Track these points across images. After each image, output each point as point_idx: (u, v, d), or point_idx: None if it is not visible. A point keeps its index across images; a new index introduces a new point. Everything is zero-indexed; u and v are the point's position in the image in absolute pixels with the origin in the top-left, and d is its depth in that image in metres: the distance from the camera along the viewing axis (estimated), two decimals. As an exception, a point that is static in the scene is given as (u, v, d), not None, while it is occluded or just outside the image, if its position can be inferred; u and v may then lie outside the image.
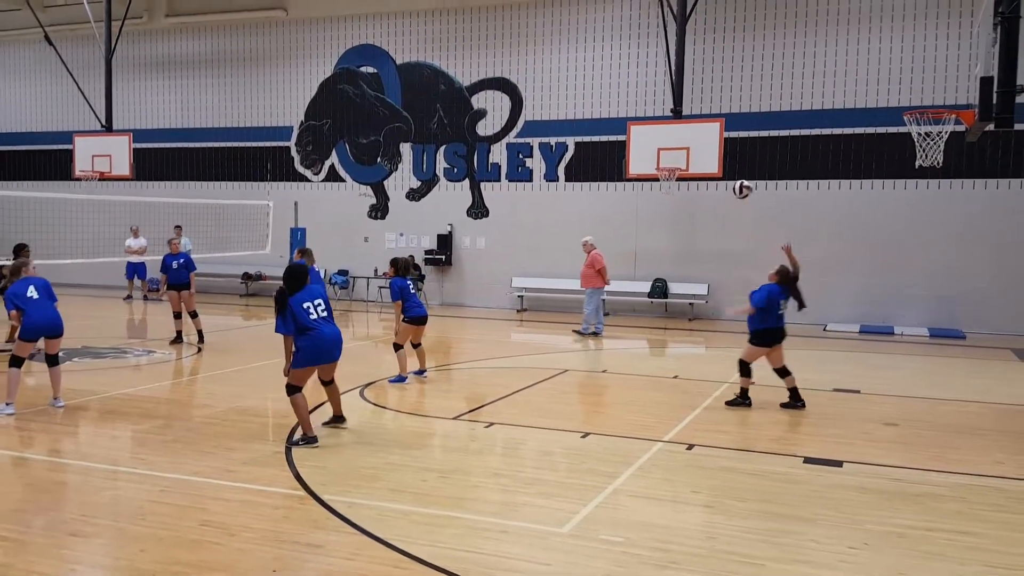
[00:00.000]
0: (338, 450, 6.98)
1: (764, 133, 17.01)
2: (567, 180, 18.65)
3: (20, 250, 10.99)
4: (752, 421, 8.38)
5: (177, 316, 12.67)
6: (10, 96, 23.97)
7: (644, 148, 15.46)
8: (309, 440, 7.03)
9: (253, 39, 21.28)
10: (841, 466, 6.71)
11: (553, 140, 18.72)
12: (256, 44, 21.27)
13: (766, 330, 8.67)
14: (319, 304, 7.14)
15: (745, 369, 8.88)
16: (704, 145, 15.11)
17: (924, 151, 12.07)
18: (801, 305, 8.85)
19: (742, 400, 8.85)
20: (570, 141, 18.59)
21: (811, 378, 9.21)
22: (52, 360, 8.35)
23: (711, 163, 15.09)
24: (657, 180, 15.75)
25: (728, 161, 15.70)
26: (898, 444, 7.54)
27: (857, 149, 16.46)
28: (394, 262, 9.96)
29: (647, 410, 8.84)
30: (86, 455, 6.98)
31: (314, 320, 7.05)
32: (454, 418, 8.24)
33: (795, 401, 8.76)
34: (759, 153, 17.02)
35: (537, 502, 5.72)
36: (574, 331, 14.86)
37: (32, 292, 8.09)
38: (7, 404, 8.01)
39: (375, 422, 8.17)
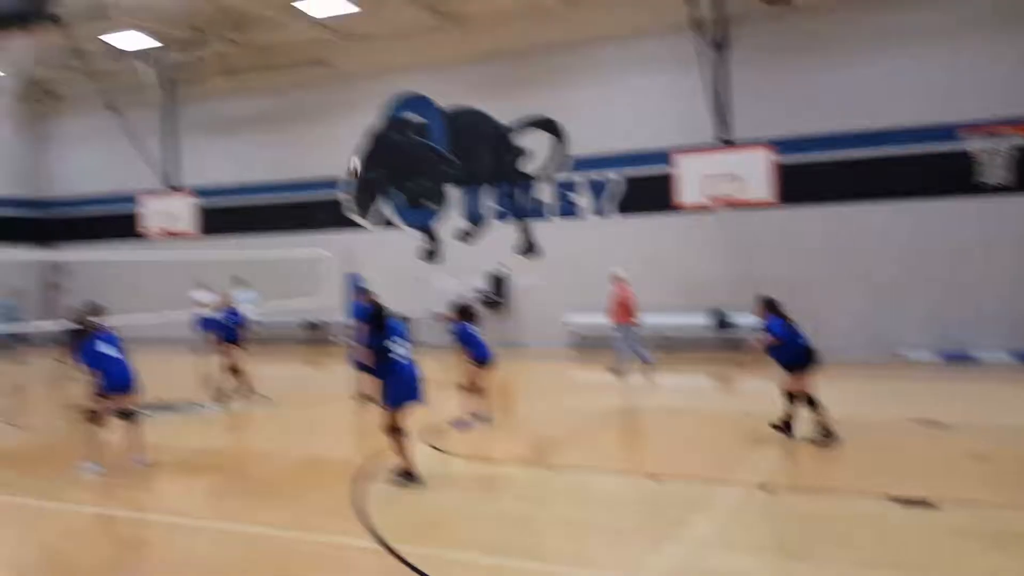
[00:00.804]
0: (408, 498, 6.95)
1: (818, 156, 16.66)
2: (616, 213, 18.58)
3: (91, 309, 11.25)
4: (827, 457, 8.08)
5: (236, 371, 12.88)
6: (77, 162, 25.09)
7: (691, 178, 15.32)
8: (410, 477, 7.12)
9: (301, 94, 21.90)
10: (931, 505, 6.36)
11: (599, 174, 18.71)
12: (304, 99, 21.87)
13: (799, 354, 8.60)
14: (401, 343, 7.21)
15: (809, 401, 8.57)
16: (753, 171, 14.89)
17: (986, 167, 11.67)
18: None
19: (826, 435, 8.48)
20: (616, 174, 18.55)
21: (888, 409, 8.85)
22: (129, 415, 8.35)
23: (762, 189, 14.82)
24: (707, 209, 15.51)
25: (783, 186, 15.39)
26: (989, 480, 7.15)
27: (915, 168, 15.95)
28: (457, 308, 10.07)
29: (717, 449, 8.61)
30: (165, 510, 7.13)
31: (396, 359, 7.10)
32: (521, 462, 8.14)
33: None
34: (814, 177, 16.65)
35: (609, 551, 5.57)
36: (608, 369, 14.19)
37: (107, 349, 8.16)
38: (93, 464, 8.05)
39: (442, 469, 8.11)
